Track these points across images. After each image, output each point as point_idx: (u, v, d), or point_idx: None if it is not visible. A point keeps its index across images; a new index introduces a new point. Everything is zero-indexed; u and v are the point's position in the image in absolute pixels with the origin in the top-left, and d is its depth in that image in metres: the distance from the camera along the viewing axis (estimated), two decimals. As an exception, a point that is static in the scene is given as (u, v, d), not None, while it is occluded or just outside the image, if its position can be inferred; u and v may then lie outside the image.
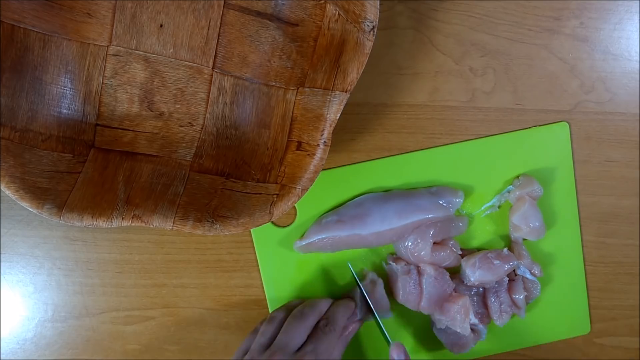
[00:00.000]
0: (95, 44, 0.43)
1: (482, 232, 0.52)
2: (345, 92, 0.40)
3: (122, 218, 0.40)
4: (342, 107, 0.40)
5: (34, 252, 0.51)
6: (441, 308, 0.49)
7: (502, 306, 0.50)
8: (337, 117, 0.40)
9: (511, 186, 0.51)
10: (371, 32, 0.39)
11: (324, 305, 0.46)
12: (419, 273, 0.49)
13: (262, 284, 0.51)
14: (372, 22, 0.39)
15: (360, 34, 0.40)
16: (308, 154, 0.41)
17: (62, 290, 0.51)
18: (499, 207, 0.52)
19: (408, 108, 0.50)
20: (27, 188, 0.39)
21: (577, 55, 0.51)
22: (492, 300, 0.50)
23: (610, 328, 0.55)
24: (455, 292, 0.49)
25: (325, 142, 0.41)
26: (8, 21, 0.39)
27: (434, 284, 0.48)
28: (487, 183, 0.51)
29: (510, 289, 0.50)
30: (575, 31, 0.50)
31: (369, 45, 0.39)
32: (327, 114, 0.41)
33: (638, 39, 0.51)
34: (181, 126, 0.45)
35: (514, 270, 0.50)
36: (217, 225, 0.41)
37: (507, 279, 0.50)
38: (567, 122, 0.51)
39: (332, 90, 0.41)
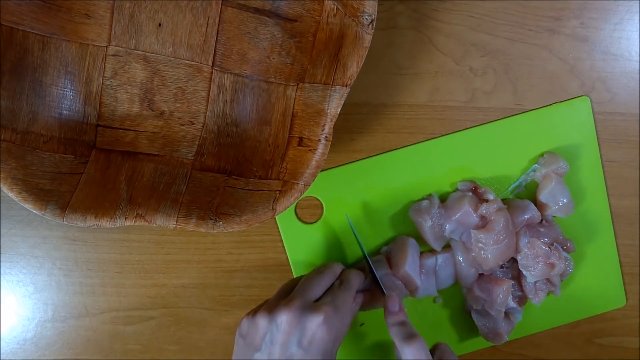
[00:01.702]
0: (94, 45, 0.43)
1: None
2: (346, 86, 0.40)
3: (125, 218, 0.40)
4: (342, 102, 0.40)
5: (34, 252, 0.50)
6: (481, 287, 0.49)
7: (538, 284, 0.49)
8: (338, 112, 0.40)
9: (536, 164, 0.50)
10: (370, 26, 0.39)
11: (337, 268, 0.47)
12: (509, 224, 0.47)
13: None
14: (370, 16, 0.39)
15: (359, 27, 0.39)
16: (309, 150, 0.41)
17: (62, 291, 0.51)
18: (525, 186, 0.51)
19: (408, 108, 0.50)
20: (29, 190, 0.39)
21: (577, 56, 0.51)
22: (527, 279, 0.49)
23: (610, 328, 0.55)
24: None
25: (326, 137, 0.41)
26: (7, 23, 0.39)
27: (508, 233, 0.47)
28: (511, 163, 0.51)
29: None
30: (576, 31, 0.50)
31: (368, 38, 0.39)
32: (327, 108, 0.41)
33: (638, 39, 0.51)
34: (182, 125, 0.45)
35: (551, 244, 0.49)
36: (220, 222, 0.41)
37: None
38: (588, 96, 0.51)
39: (332, 84, 0.41)
